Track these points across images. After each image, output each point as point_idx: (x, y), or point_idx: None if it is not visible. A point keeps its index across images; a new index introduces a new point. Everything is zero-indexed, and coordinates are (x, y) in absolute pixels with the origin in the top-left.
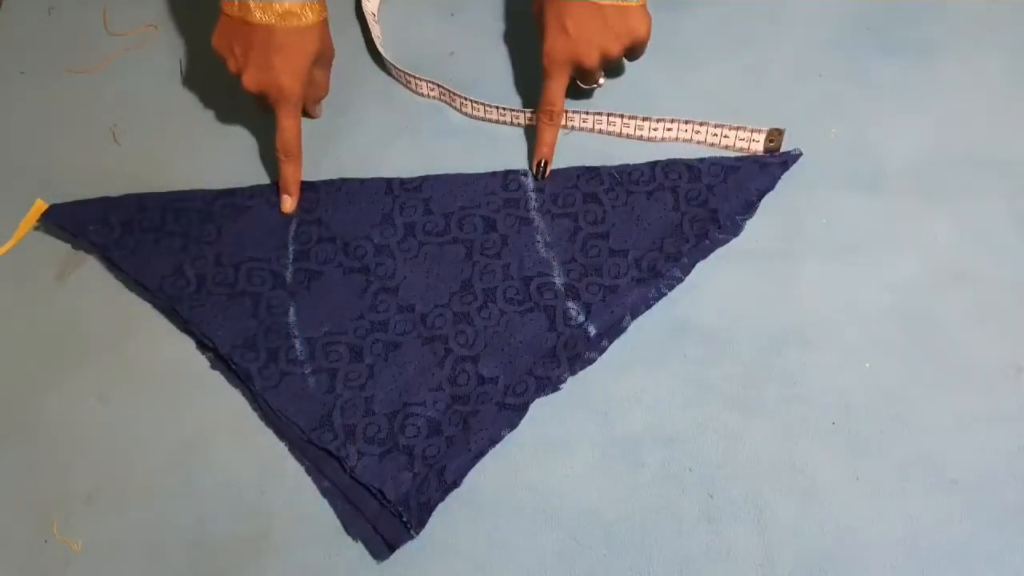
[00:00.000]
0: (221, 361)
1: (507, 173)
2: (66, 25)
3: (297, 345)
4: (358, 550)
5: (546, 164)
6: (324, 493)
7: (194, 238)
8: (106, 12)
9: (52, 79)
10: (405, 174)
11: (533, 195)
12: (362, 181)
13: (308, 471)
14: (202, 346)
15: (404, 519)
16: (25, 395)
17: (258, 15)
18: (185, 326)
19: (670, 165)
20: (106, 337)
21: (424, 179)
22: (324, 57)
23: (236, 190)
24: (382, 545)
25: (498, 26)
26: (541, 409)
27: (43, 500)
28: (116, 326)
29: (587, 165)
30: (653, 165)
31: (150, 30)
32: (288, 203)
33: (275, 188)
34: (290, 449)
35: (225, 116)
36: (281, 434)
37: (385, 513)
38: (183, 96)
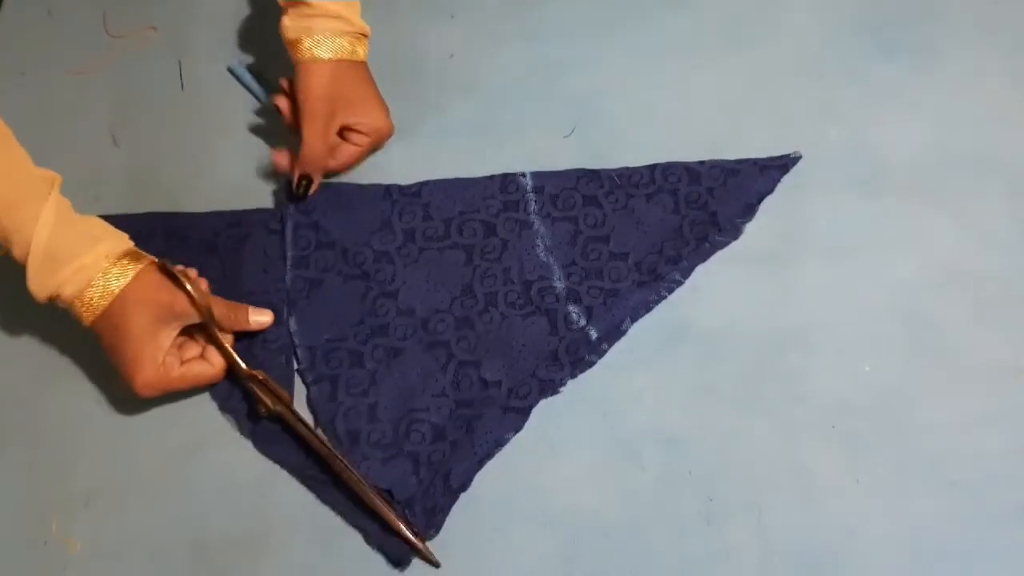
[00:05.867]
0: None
1: (505, 176)
2: (66, 26)
3: (298, 354)
4: (357, 550)
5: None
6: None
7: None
8: (105, 14)
9: (52, 80)
10: (404, 177)
11: (532, 196)
12: (360, 186)
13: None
14: None
15: (411, 523)
16: (25, 395)
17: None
18: None
19: (670, 168)
20: None
21: (423, 184)
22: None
23: (240, 217)
24: (403, 548)
25: (498, 28)
26: (541, 411)
27: (42, 501)
28: None
29: (587, 168)
30: (653, 168)
31: (149, 32)
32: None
33: (273, 213)
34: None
35: (224, 117)
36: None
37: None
38: (182, 97)
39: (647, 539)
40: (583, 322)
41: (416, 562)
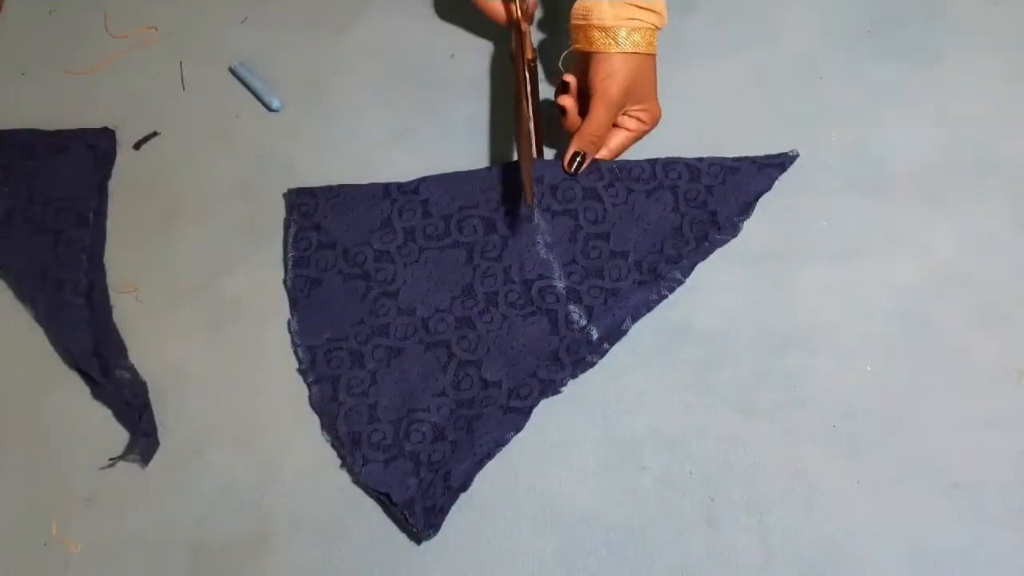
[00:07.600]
0: None
1: (504, 166)
2: (66, 26)
3: (299, 354)
4: (357, 551)
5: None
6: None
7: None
8: (106, 15)
9: (52, 80)
10: (404, 178)
11: None
12: (360, 186)
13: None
14: None
15: (410, 523)
16: (25, 395)
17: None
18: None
19: (670, 163)
20: None
21: (421, 180)
22: None
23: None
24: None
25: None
26: (541, 412)
27: (42, 501)
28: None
29: None
30: (653, 162)
31: (150, 32)
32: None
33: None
34: None
35: (225, 117)
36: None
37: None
38: (182, 97)
39: (648, 540)
40: (584, 322)
41: (412, 562)
